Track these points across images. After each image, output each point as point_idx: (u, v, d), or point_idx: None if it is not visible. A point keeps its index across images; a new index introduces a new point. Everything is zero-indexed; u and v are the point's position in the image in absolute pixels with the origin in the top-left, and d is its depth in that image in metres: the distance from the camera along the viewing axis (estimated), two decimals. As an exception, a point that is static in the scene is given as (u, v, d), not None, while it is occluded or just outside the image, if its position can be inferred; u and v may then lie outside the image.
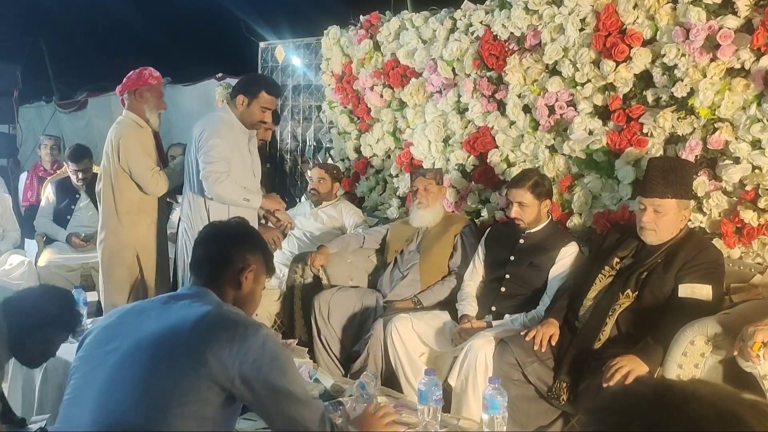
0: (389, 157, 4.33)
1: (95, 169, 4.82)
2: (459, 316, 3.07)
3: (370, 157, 4.43)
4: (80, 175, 4.62)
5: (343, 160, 4.64)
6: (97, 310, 4.30)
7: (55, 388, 2.57)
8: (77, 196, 4.71)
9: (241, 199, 3.09)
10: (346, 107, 4.58)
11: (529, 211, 3.00)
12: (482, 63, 3.65)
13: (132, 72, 3.42)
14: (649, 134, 2.99)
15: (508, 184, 3.22)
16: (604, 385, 2.24)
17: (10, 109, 6.02)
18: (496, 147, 3.62)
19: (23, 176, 4.90)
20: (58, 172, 4.94)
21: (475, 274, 3.21)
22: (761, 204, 2.70)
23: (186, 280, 3.23)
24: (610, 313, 2.52)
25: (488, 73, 3.65)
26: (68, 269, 4.47)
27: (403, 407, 2.21)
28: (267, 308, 3.69)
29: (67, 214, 4.65)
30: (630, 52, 3.00)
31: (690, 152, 2.84)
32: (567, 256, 2.95)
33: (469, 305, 3.08)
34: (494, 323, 2.95)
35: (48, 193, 4.74)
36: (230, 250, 1.68)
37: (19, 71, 5.92)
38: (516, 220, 3.03)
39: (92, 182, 4.72)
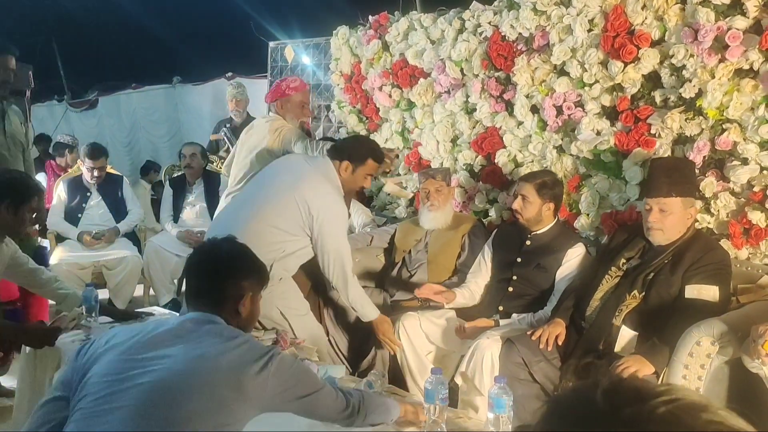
0: (398, 156, 4.34)
1: (108, 168, 4.87)
2: None
3: (379, 157, 4.44)
4: (95, 173, 4.67)
5: (351, 159, 4.65)
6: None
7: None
8: (88, 194, 4.75)
9: None
10: (354, 107, 4.60)
11: (529, 208, 3.02)
12: (490, 63, 3.66)
13: (276, 81, 3.61)
14: (657, 135, 2.99)
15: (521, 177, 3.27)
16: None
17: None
18: (504, 147, 3.64)
19: (43, 176, 4.96)
20: (69, 170, 4.98)
21: (479, 274, 3.21)
22: (769, 205, 2.70)
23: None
24: (617, 314, 2.53)
25: (496, 74, 3.65)
26: (80, 267, 4.51)
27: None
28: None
29: (79, 213, 4.69)
30: (638, 52, 3.00)
31: (698, 153, 2.84)
32: (574, 257, 2.96)
33: (461, 289, 3.12)
34: (501, 322, 2.96)
35: (60, 192, 4.78)
36: (225, 283, 1.69)
37: (31, 70, 5.97)
38: (515, 212, 3.07)
39: (104, 181, 4.78)
